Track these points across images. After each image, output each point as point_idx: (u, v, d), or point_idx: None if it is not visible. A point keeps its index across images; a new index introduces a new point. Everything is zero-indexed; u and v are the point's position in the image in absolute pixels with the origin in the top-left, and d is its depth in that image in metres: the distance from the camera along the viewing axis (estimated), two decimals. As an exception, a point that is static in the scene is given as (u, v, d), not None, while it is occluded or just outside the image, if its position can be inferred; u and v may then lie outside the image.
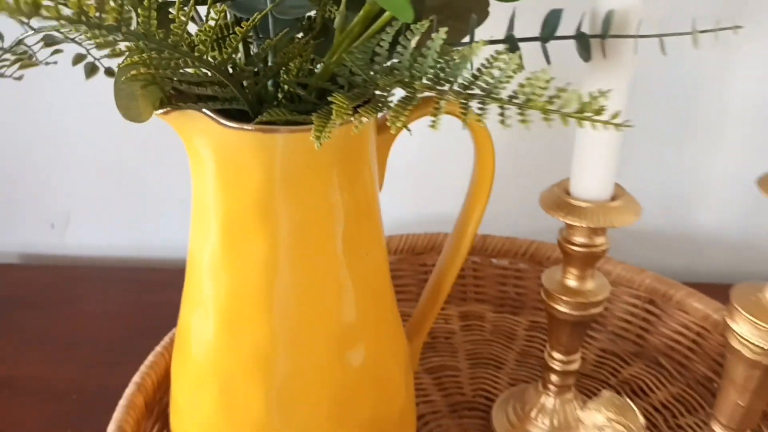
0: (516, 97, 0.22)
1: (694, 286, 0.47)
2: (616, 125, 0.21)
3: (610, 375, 0.47)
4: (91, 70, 0.35)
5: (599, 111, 0.22)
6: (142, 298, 0.55)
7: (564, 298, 0.36)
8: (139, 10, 0.22)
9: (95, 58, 0.35)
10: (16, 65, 0.33)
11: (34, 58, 0.33)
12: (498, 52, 0.23)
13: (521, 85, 0.22)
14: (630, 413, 0.26)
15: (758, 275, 0.59)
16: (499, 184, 0.36)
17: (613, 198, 0.34)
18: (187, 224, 0.36)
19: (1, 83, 0.33)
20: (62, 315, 0.53)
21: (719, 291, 0.47)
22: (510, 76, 0.23)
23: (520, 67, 0.22)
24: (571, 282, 0.37)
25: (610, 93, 0.21)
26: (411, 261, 0.52)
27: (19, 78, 0.32)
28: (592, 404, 0.27)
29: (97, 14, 0.21)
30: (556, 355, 0.39)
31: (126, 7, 0.22)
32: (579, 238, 0.35)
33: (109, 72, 0.35)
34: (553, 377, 0.40)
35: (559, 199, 0.35)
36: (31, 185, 0.59)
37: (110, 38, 0.22)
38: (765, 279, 0.55)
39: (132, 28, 0.23)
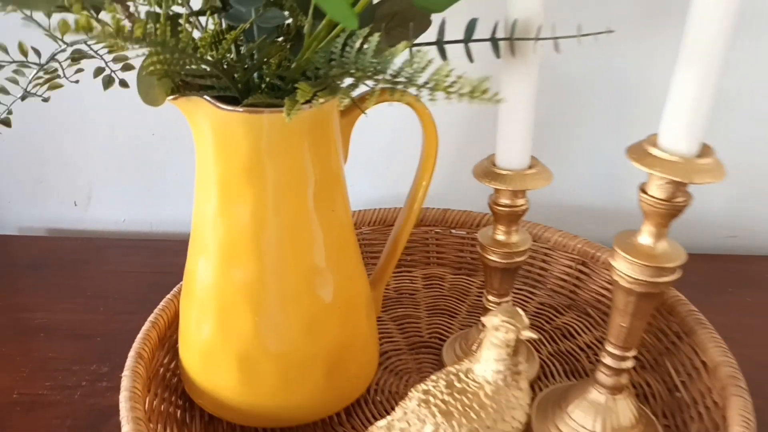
0: (428, 83, 0.31)
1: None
2: (496, 101, 0.30)
3: (545, 323, 0.55)
4: (108, 81, 0.43)
5: (484, 91, 0.30)
6: (154, 261, 0.64)
7: (494, 249, 0.45)
8: (158, 26, 0.31)
9: (112, 71, 0.43)
10: (46, 86, 0.41)
11: (62, 76, 0.41)
12: (415, 52, 0.32)
13: (432, 75, 0.31)
14: (518, 317, 0.34)
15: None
16: (455, 168, 0.45)
17: (530, 167, 0.43)
18: (192, 202, 0.45)
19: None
20: (86, 275, 0.62)
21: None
22: (423, 69, 0.31)
23: (429, 62, 0.31)
24: (500, 236, 0.45)
25: (490, 78, 0.30)
26: (382, 231, 0.61)
27: (46, 100, 0.40)
28: (492, 312, 0.35)
29: (129, 31, 0.30)
30: (490, 297, 0.47)
31: (148, 24, 0.30)
32: (504, 200, 0.44)
33: (123, 84, 0.42)
34: (491, 318, 0.48)
35: (487, 170, 0.43)
36: (57, 168, 0.68)
37: (132, 46, 0.31)
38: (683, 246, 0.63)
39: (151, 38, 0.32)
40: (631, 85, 0.61)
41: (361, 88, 0.35)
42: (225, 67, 0.36)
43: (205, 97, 0.36)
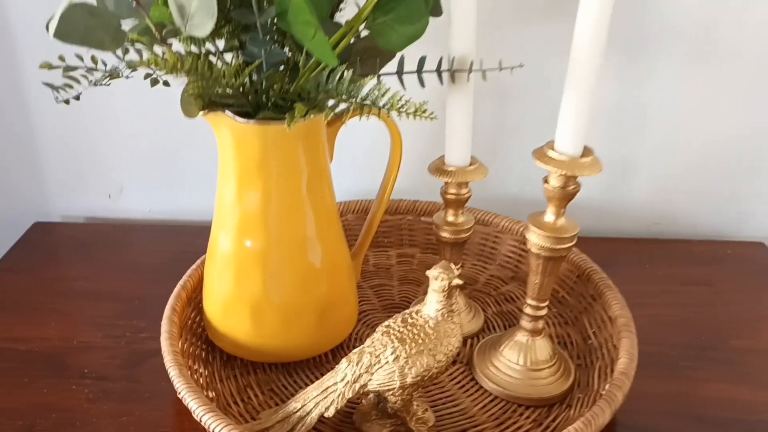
0: (386, 105, 0.44)
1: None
2: (431, 118, 0.43)
3: (492, 290, 0.69)
4: (154, 81, 0.56)
5: (423, 111, 0.43)
6: (175, 242, 0.76)
7: (445, 228, 0.58)
8: (198, 63, 0.44)
9: (158, 75, 0.56)
10: (107, 78, 0.54)
11: (121, 75, 0.54)
12: (378, 82, 0.45)
13: (389, 99, 0.44)
14: (450, 269, 0.47)
15: (609, 230, 0.81)
16: (424, 167, 0.57)
17: (470, 164, 0.56)
18: (209, 194, 0.58)
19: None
20: (120, 254, 0.75)
21: (585, 241, 0.69)
22: (383, 94, 0.44)
23: (387, 90, 0.44)
24: (450, 218, 0.58)
25: (427, 106, 0.43)
26: (363, 218, 0.74)
27: (107, 83, 0.52)
28: (433, 267, 0.48)
29: (179, 65, 0.43)
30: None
31: (193, 63, 0.43)
32: (452, 190, 0.57)
33: (165, 83, 0.55)
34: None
35: (438, 167, 0.57)
36: (93, 165, 0.80)
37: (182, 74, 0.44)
38: (614, 233, 0.77)
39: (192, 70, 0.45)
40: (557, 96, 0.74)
41: (342, 106, 0.48)
42: (242, 90, 0.49)
43: (227, 112, 0.50)
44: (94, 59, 0.49)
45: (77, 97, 0.49)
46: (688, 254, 0.76)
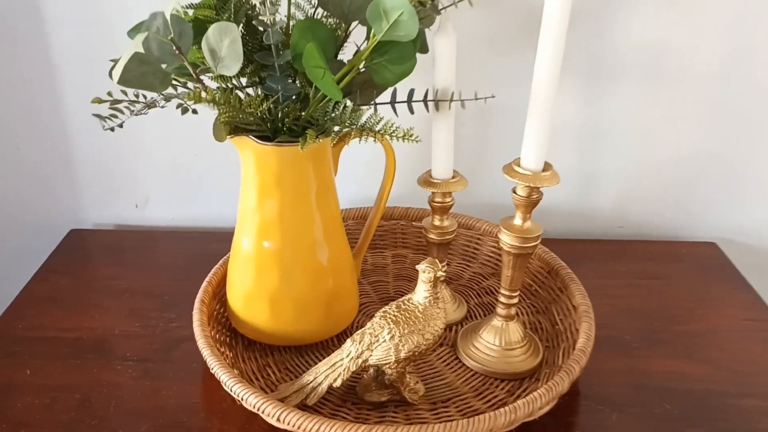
0: (380, 130, 0.54)
1: (542, 241, 0.78)
2: (417, 141, 0.53)
3: (475, 284, 0.79)
4: (184, 110, 0.66)
5: (410, 135, 0.54)
6: (195, 246, 0.85)
7: (432, 230, 0.68)
8: (231, 97, 0.54)
9: (188, 105, 0.66)
10: (146, 109, 0.63)
11: (157, 106, 0.64)
12: (373, 113, 0.55)
13: (387, 124, 0.54)
14: (435, 264, 0.57)
15: (578, 232, 0.91)
16: (415, 179, 0.67)
17: (453, 177, 0.66)
18: (227, 206, 0.68)
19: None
20: (148, 256, 0.84)
21: (557, 243, 0.79)
22: (378, 122, 0.55)
23: (380, 119, 0.54)
24: (436, 222, 0.69)
25: (413, 130, 0.53)
26: (362, 223, 0.84)
27: (145, 113, 0.62)
28: (421, 262, 0.58)
29: (215, 100, 0.53)
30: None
31: (226, 97, 0.53)
32: (438, 198, 0.67)
33: (194, 111, 0.65)
34: (435, 278, 0.71)
35: (426, 179, 0.67)
36: (123, 179, 0.90)
37: (213, 104, 0.54)
38: (582, 235, 0.87)
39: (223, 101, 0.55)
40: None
41: (345, 130, 0.58)
42: (262, 118, 0.59)
43: (251, 136, 0.60)
44: (137, 95, 0.59)
45: (120, 125, 0.59)
46: (647, 253, 0.87)
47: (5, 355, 0.66)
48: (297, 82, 0.60)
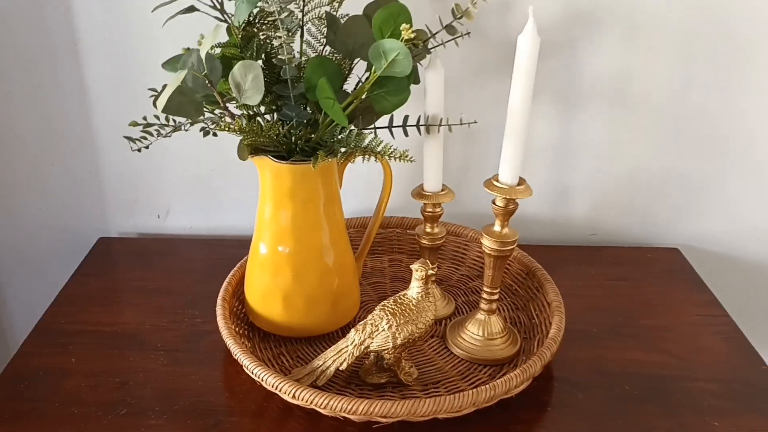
0: (380, 151, 0.64)
1: (521, 246, 0.88)
2: (411, 161, 0.63)
3: (462, 285, 0.88)
4: (206, 133, 0.75)
5: (406, 156, 0.64)
6: (212, 252, 0.95)
7: (424, 236, 0.78)
8: (253, 125, 0.64)
9: (210, 129, 0.75)
10: (173, 131, 0.73)
11: (182, 129, 0.74)
12: (373, 137, 0.65)
13: (386, 146, 0.64)
14: (426, 264, 0.67)
15: (555, 239, 1.01)
16: (410, 192, 0.77)
17: (442, 190, 0.76)
18: (239, 216, 0.77)
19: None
20: (170, 261, 0.93)
21: (536, 248, 0.88)
22: (378, 144, 0.65)
23: (381, 142, 0.64)
24: (428, 229, 0.79)
25: (408, 151, 0.63)
26: (363, 231, 0.93)
27: (169, 136, 0.72)
28: (415, 263, 0.68)
29: (242, 126, 0.63)
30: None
31: (249, 124, 0.63)
32: (429, 208, 0.77)
33: (214, 134, 0.75)
34: (426, 279, 0.81)
35: (419, 192, 0.77)
36: (146, 192, 0.99)
37: (239, 131, 0.64)
38: (559, 242, 0.97)
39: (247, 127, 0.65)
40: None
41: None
42: (279, 140, 0.69)
43: (269, 156, 0.69)
44: (167, 119, 0.69)
45: (147, 147, 0.69)
46: (616, 258, 0.97)
47: (53, 345, 0.76)
48: (308, 109, 0.70)
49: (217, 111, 0.69)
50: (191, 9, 0.69)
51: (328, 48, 0.72)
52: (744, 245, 1.01)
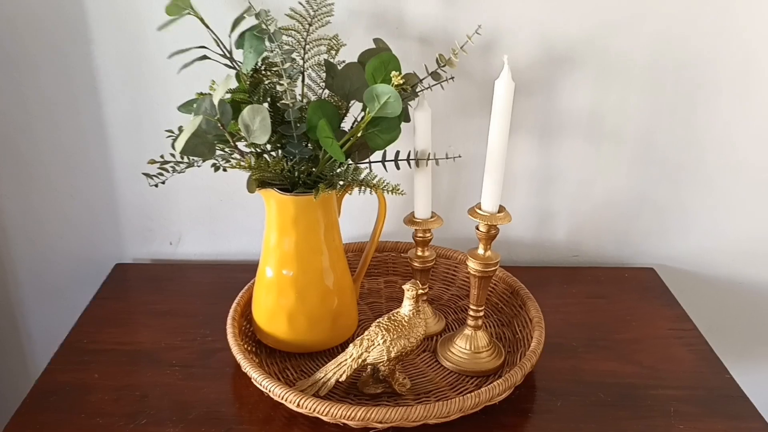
0: (375, 185, 0.72)
1: (507, 268, 0.95)
2: (401, 194, 0.71)
3: (452, 304, 0.95)
4: (216, 168, 0.83)
5: (397, 189, 0.71)
6: (220, 276, 1.02)
7: (416, 259, 0.85)
8: (261, 162, 0.72)
9: (221, 165, 0.83)
10: (187, 167, 0.81)
11: (195, 165, 0.81)
12: (368, 171, 0.72)
13: (380, 180, 0.72)
14: (416, 284, 0.74)
15: (539, 261, 1.08)
16: (401, 218, 0.85)
17: (431, 217, 0.84)
18: (245, 242, 0.85)
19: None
20: (181, 285, 1.00)
21: (521, 270, 0.95)
22: (373, 178, 0.72)
23: (375, 176, 0.72)
24: (419, 253, 0.86)
25: (399, 186, 0.71)
26: (360, 255, 1.01)
27: (183, 172, 0.79)
28: (406, 283, 0.75)
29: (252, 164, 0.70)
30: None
31: (258, 162, 0.71)
32: (419, 234, 0.84)
33: (224, 169, 0.82)
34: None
35: (410, 218, 0.84)
36: (159, 221, 1.06)
37: (248, 167, 0.71)
38: (542, 263, 1.05)
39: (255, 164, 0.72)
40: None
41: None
42: (284, 175, 0.76)
43: (274, 189, 0.77)
44: (182, 157, 0.77)
45: (163, 182, 0.76)
46: (595, 277, 1.04)
47: (77, 363, 0.82)
48: (310, 146, 0.78)
49: (227, 149, 0.77)
50: (204, 57, 0.77)
51: (327, 92, 0.79)
52: (715, 264, 1.08)
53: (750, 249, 1.07)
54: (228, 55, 0.78)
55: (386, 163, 0.79)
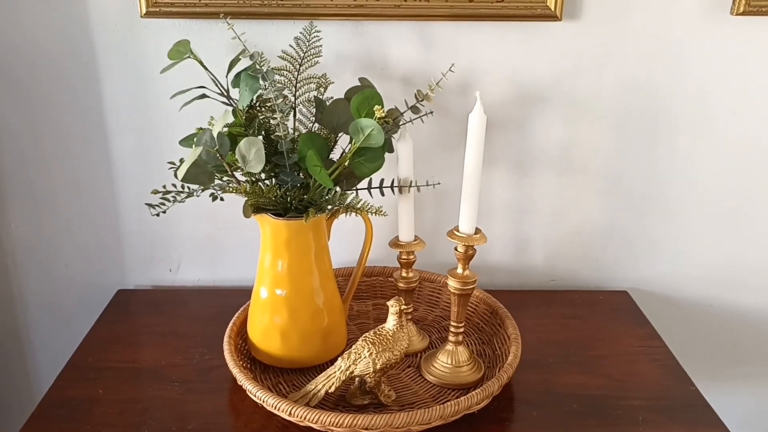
0: (359, 208, 0.78)
1: (488, 291, 1.00)
2: (384, 215, 0.77)
3: (436, 324, 1.00)
4: (214, 197, 0.89)
5: (380, 211, 0.77)
6: (217, 301, 1.06)
7: (401, 280, 0.91)
8: (256, 188, 0.77)
9: (219, 194, 0.88)
10: (188, 197, 0.86)
11: (195, 195, 0.87)
12: (354, 196, 0.78)
13: (365, 203, 0.78)
14: (400, 301, 0.79)
15: (518, 285, 1.13)
16: (386, 241, 0.90)
17: (414, 240, 0.89)
18: (241, 269, 0.91)
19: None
20: (180, 309, 1.04)
21: (501, 293, 1.00)
22: (358, 203, 0.78)
23: (360, 200, 0.77)
24: (404, 274, 0.91)
25: (382, 208, 0.76)
26: (348, 279, 1.06)
27: (183, 201, 0.85)
28: (390, 299, 0.80)
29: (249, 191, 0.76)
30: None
31: (253, 189, 0.77)
32: (404, 255, 0.90)
33: (221, 199, 0.88)
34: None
35: (395, 242, 0.89)
36: (160, 250, 1.11)
37: (244, 194, 0.77)
38: (521, 287, 1.10)
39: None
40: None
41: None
42: (277, 201, 0.82)
43: (268, 214, 0.82)
44: (183, 187, 0.82)
45: (165, 212, 0.81)
46: (571, 300, 1.09)
47: (83, 379, 0.86)
48: (301, 175, 0.84)
49: (225, 178, 0.83)
50: (203, 96, 0.83)
51: (316, 125, 0.86)
52: (684, 288, 1.14)
53: (715, 274, 1.13)
54: (225, 93, 0.84)
55: (372, 190, 0.84)
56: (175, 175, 0.75)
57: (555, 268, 1.13)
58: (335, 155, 0.86)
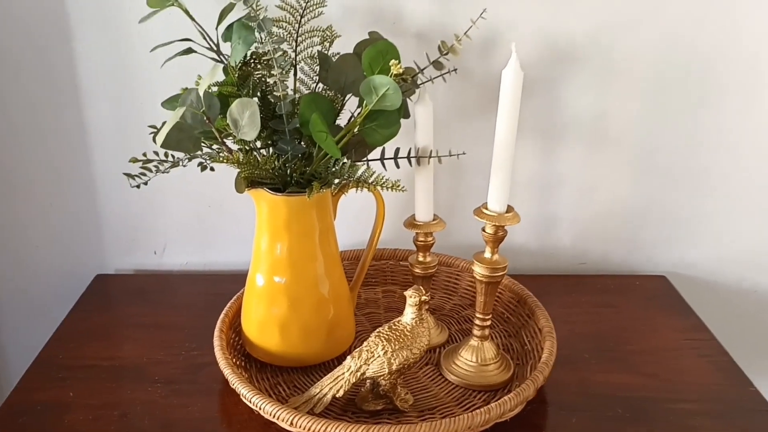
0: (372, 182, 0.66)
1: (512, 275, 0.89)
2: (402, 190, 0.65)
3: (455, 313, 0.89)
4: (203, 167, 0.77)
5: (397, 185, 0.65)
6: (206, 287, 0.95)
7: (417, 266, 0.79)
8: (250, 158, 0.66)
9: (208, 163, 0.77)
10: (171, 167, 0.75)
11: (180, 165, 0.75)
12: (366, 168, 0.66)
13: (376, 177, 0.66)
14: (419, 290, 0.68)
15: (545, 269, 1.02)
16: (401, 222, 0.79)
17: (433, 219, 0.78)
18: (233, 251, 0.78)
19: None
20: (166, 297, 0.93)
21: (525, 278, 0.89)
22: (370, 176, 0.66)
23: (373, 173, 0.66)
24: (420, 258, 0.80)
25: (400, 182, 0.65)
26: (357, 263, 0.94)
27: (167, 172, 0.73)
28: (408, 289, 0.68)
29: (239, 160, 0.64)
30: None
31: (247, 158, 0.65)
32: (421, 238, 0.78)
33: (211, 169, 0.76)
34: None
35: (411, 222, 0.78)
36: (143, 231, 1.00)
37: (236, 163, 0.65)
38: (548, 271, 0.99)
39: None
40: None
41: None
42: (275, 174, 0.70)
43: (265, 189, 0.71)
44: (166, 155, 0.71)
45: (146, 183, 0.70)
46: (604, 286, 0.98)
47: (52, 380, 0.75)
48: (303, 143, 0.72)
49: (215, 146, 0.71)
50: (188, 51, 0.71)
51: (320, 85, 0.74)
52: (730, 271, 1.03)
53: (761, 258, 1.02)
54: (215, 48, 0.72)
55: (385, 161, 0.73)
56: (154, 141, 0.64)
57: (584, 250, 1.02)
58: (342, 120, 0.74)
